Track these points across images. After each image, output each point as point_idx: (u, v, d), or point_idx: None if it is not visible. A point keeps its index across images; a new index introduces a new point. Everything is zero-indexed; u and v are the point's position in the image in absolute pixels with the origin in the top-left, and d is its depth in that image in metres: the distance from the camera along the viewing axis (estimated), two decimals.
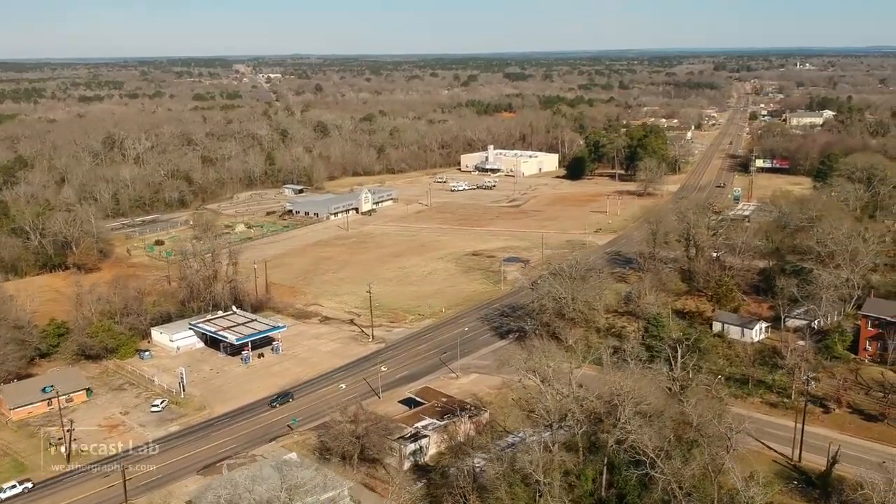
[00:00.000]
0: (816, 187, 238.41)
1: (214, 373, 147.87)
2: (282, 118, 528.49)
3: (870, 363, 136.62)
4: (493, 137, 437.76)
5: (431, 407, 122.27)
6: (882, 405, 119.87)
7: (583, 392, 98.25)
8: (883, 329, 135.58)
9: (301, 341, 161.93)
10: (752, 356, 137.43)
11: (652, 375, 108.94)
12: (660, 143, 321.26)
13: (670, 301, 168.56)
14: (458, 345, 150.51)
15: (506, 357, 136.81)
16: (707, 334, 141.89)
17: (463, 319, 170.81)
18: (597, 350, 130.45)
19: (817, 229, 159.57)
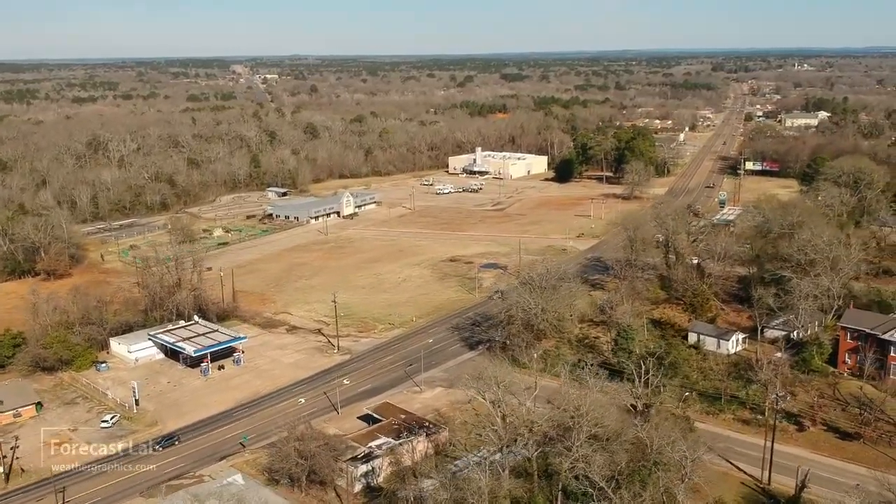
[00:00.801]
0: (803, 191, 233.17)
1: (172, 386, 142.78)
2: (272, 119, 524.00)
3: (849, 377, 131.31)
4: (483, 139, 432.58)
5: (388, 424, 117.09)
6: (858, 423, 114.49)
7: (537, 413, 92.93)
8: (862, 341, 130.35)
9: (265, 352, 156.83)
10: (725, 369, 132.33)
11: (613, 393, 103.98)
12: (647, 146, 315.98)
13: (647, 310, 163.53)
14: (424, 357, 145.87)
15: (470, 371, 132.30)
16: (679, 346, 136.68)
17: (433, 329, 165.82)
18: (561, 364, 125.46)
19: (798, 236, 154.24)
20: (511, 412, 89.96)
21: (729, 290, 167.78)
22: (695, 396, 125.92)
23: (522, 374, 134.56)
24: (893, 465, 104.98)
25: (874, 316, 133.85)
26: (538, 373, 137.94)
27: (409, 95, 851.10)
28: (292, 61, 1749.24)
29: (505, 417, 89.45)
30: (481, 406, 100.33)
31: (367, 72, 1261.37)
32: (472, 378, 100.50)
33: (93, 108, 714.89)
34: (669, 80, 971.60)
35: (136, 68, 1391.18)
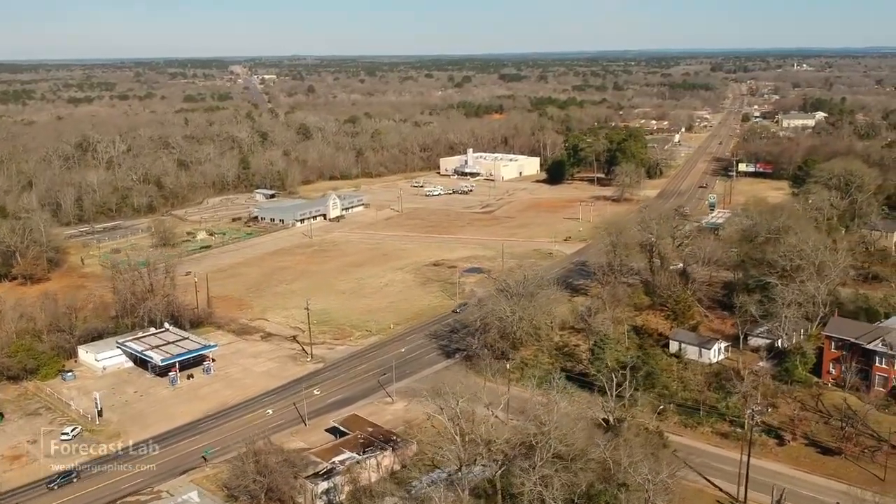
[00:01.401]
0: (795, 193, 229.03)
1: (138, 396, 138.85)
2: (265, 120, 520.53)
3: (833, 388, 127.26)
4: (475, 140, 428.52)
5: (354, 438, 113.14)
6: (839, 438, 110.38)
7: (498, 430, 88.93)
8: (846, 351, 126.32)
9: (237, 360, 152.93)
10: (705, 380, 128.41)
11: (584, 407, 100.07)
12: (639, 147, 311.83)
13: (631, 316, 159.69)
14: (400, 366, 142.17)
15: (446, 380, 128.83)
16: (659, 355, 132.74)
17: (411, 336, 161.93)
18: (529, 376, 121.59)
19: (784, 241, 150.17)
20: (470, 430, 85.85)
21: (714, 296, 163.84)
22: (673, 408, 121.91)
23: (497, 385, 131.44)
24: (874, 481, 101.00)
25: (858, 325, 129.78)
26: (514, 383, 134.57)
27: (406, 96, 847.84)
28: (291, 62, 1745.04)
29: (464, 435, 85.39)
30: (441, 422, 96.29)
31: (365, 72, 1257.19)
32: (429, 393, 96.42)
33: (87, 108, 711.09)
34: (668, 80, 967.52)
35: (134, 69, 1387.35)
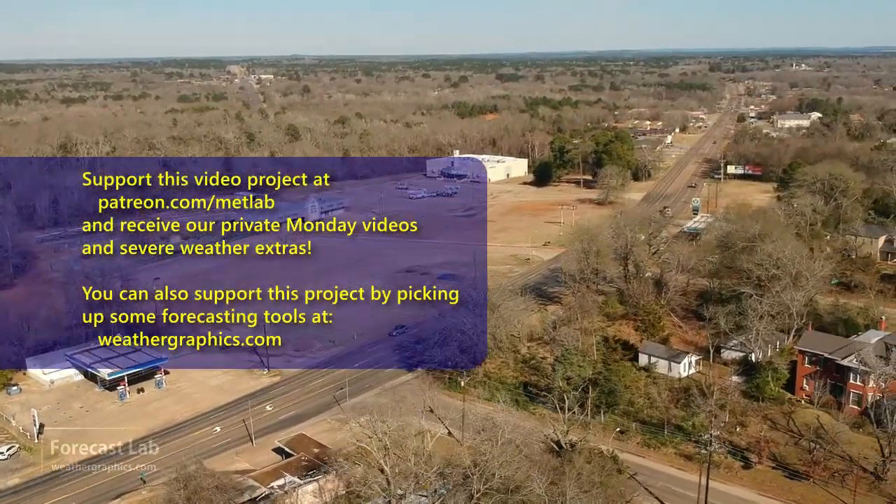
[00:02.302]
0: (780, 198, 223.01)
1: (84, 411, 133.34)
2: (255, 121, 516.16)
3: (806, 405, 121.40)
4: (464, 141, 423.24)
5: (298, 461, 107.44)
6: (809, 460, 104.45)
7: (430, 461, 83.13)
8: (820, 366, 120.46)
9: (191, 373, 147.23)
10: (671, 396, 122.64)
11: (534, 429, 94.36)
12: (625, 149, 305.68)
13: (603, 327, 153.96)
14: (358, 379, 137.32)
15: (406, 394, 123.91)
16: (625, 370, 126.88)
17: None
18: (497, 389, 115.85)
19: (759, 249, 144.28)
20: (400, 460, 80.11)
21: (689, 305, 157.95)
22: (636, 427, 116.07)
23: (460, 400, 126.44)
24: None
25: (833, 339, 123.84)
26: (475, 399, 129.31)
27: (401, 96, 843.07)
28: (290, 62, 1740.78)
29: (394, 466, 79.65)
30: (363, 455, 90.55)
31: (362, 72, 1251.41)
32: (355, 417, 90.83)
33: (78, 109, 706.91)
34: (665, 80, 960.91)
35: (131, 69, 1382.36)
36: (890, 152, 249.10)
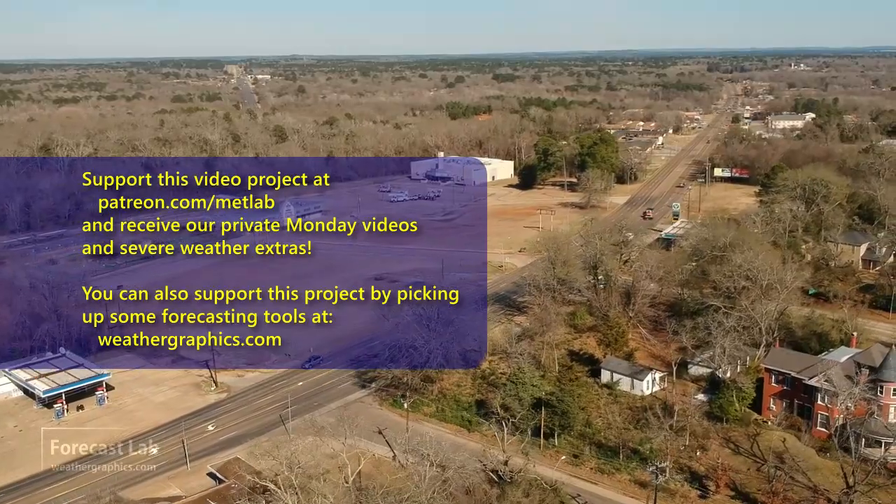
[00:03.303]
0: (762, 202, 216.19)
1: (17, 430, 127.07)
2: (243, 122, 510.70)
3: (773, 427, 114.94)
4: (452, 143, 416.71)
5: (225, 489, 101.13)
6: (769, 490, 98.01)
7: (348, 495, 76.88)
8: (788, 386, 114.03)
9: (136, 388, 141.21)
10: (629, 417, 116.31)
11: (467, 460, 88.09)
12: (610, 152, 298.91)
13: (569, 339, 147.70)
14: (309, 396, 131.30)
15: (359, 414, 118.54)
16: (588, 386, 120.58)
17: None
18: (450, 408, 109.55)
19: (729, 259, 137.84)
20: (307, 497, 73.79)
21: (659, 317, 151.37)
22: (591, 451, 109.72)
23: (414, 421, 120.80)
24: None
25: (801, 357, 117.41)
26: (428, 418, 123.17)
27: (396, 96, 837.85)
28: (288, 61, 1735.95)
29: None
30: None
31: (360, 72, 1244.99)
32: (262, 453, 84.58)
33: (69, 109, 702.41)
34: (662, 80, 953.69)
35: (128, 69, 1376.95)
36: (877, 155, 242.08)
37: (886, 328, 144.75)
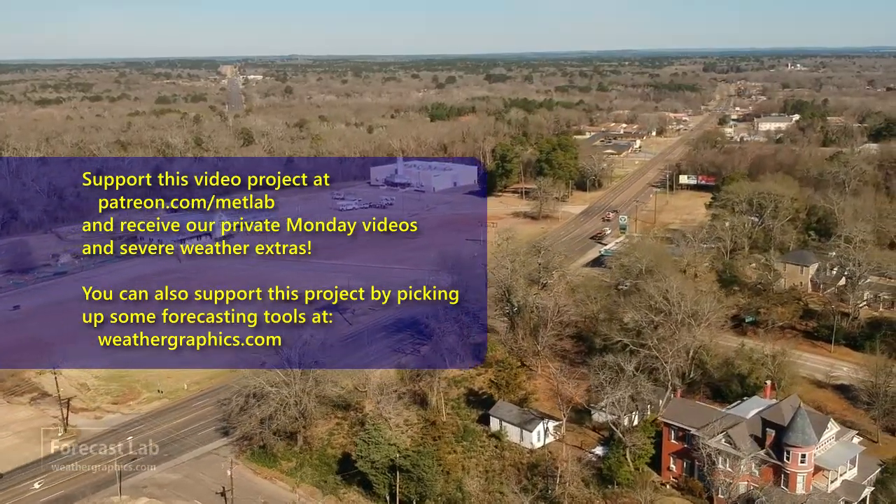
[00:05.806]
0: (716, 216, 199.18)
1: None
2: (214, 124, 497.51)
3: (672, 490, 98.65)
4: (419, 146, 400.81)
5: None
6: None
7: None
8: (688, 444, 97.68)
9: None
10: (514, 476, 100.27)
11: None
12: (568, 158, 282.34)
13: (473, 376, 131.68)
14: (163, 444, 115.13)
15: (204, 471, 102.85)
16: (446, 448, 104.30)
17: (200, 402, 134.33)
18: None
19: (642, 289, 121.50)
20: None
21: (570, 353, 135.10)
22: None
23: (259, 477, 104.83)
24: None
25: (703, 409, 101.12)
26: (282, 476, 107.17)
27: (384, 97, 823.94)
28: (284, 62, 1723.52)
29: None
30: None
31: (352, 72, 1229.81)
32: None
33: (47, 110, 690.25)
34: (654, 80, 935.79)
35: (121, 69, 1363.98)
36: (842, 164, 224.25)
37: (822, 364, 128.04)
